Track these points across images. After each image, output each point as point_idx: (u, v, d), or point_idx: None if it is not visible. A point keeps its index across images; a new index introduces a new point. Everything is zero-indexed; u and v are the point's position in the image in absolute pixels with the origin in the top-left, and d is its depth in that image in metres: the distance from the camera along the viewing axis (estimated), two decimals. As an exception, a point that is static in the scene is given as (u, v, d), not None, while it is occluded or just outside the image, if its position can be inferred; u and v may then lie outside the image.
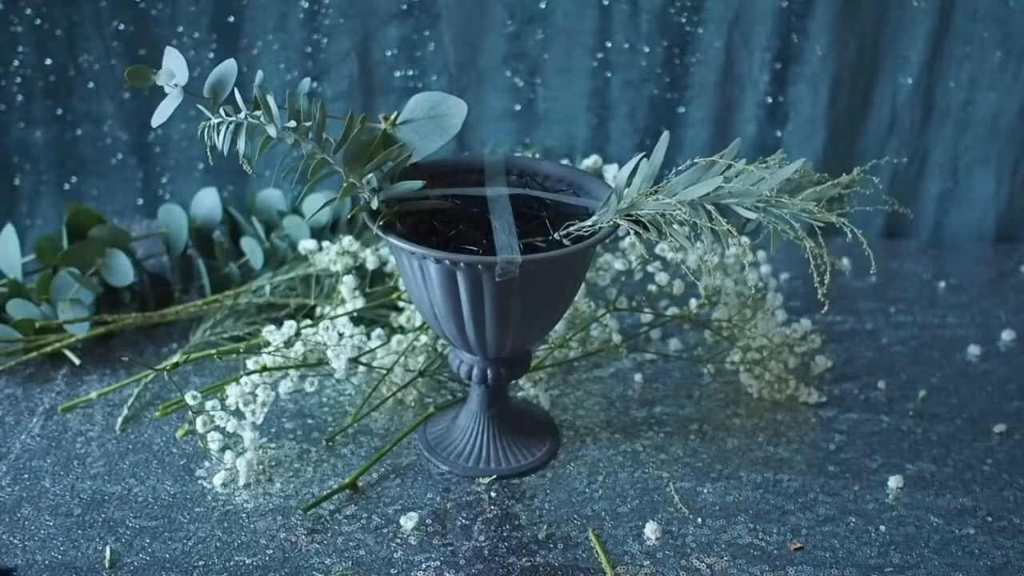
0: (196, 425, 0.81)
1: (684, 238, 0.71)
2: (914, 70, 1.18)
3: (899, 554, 0.76)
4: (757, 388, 0.93)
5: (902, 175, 1.24)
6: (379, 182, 0.74)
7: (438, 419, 0.88)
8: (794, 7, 1.14)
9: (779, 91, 1.19)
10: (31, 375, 0.94)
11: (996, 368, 1.00)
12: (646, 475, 0.84)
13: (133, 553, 0.74)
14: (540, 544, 0.76)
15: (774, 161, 0.72)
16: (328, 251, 0.95)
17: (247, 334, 0.95)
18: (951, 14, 1.15)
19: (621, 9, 1.15)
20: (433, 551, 0.75)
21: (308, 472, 0.83)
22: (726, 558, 0.75)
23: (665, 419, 0.90)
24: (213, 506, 0.79)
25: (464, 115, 0.74)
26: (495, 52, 1.18)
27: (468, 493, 0.81)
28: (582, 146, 1.22)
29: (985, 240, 1.26)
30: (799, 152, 1.18)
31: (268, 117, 0.70)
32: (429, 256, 0.70)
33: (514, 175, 0.82)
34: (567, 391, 0.94)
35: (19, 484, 0.81)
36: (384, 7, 1.15)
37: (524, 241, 0.73)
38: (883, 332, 1.05)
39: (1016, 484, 0.84)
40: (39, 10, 1.12)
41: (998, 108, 1.20)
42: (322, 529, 0.77)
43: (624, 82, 1.19)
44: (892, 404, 0.94)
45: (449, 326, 0.75)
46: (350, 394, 0.92)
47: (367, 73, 1.18)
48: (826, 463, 0.86)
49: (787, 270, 1.14)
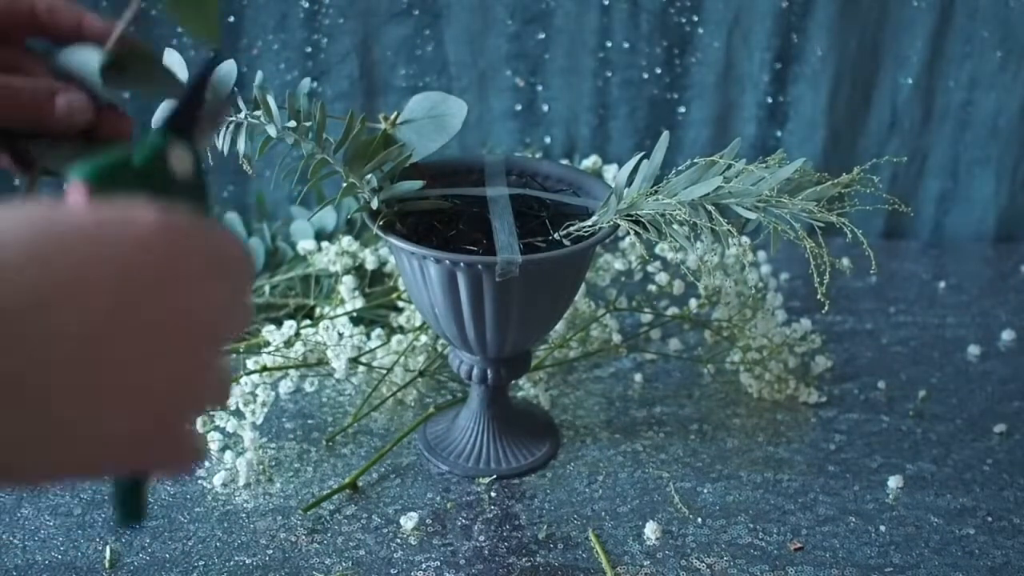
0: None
1: (684, 238, 0.71)
2: (914, 70, 1.18)
3: (899, 554, 0.76)
4: (757, 388, 0.93)
5: (902, 175, 1.24)
6: (379, 182, 0.74)
7: (438, 419, 0.88)
8: (794, 7, 1.14)
9: (779, 91, 1.19)
10: (31, 375, 0.94)
11: (996, 368, 1.00)
12: (646, 475, 0.84)
13: (133, 553, 0.74)
14: (540, 544, 0.76)
15: (774, 161, 0.72)
16: (327, 251, 0.95)
17: (247, 334, 0.96)
18: (951, 14, 1.15)
19: (621, 9, 1.15)
20: (433, 551, 0.75)
21: (308, 472, 0.83)
22: (726, 558, 0.75)
23: (665, 419, 0.90)
24: (213, 506, 0.79)
25: (464, 115, 0.74)
26: (495, 52, 1.18)
27: (468, 493, 0.81)
28: (582, 146, 1.22)
29: (985, 240, 1.26)
30: (799, 152, 1.18)
31: (268, 117, 0.70)
32: (429, 256, 0.70)
33: (514, 175, 0.82)
34: (567, 391, 0.94)
35: (19, 484, 0.81)
36: (384, 7, 1.15)
37: (524, 241, 0.73)
38: (883, 332, 1.05)
39: (1016, 484, 0.84)
40: (39, 10, 1.12)
41: (998, 108, 1.20)
42: (322, 529, 0.77)
43: (624, 82, 1.19)
44: (892, 404, 0.94)
45: (449, 326, 0.75)
46: (350, 394, 0.92)
47: (367, 73, 1.18)
48: (826, 463, 0.86)
49: (787, 270, 1.14)
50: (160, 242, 0.32)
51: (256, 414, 0.82)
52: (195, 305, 0.34)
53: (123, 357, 0.32)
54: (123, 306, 0.31)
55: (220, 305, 0.35)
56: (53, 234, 0.31)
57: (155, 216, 0.33)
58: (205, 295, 0.34)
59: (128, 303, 0.32)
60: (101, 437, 0.32)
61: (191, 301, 0.34)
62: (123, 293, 0.31)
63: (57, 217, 0.31)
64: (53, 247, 0.30)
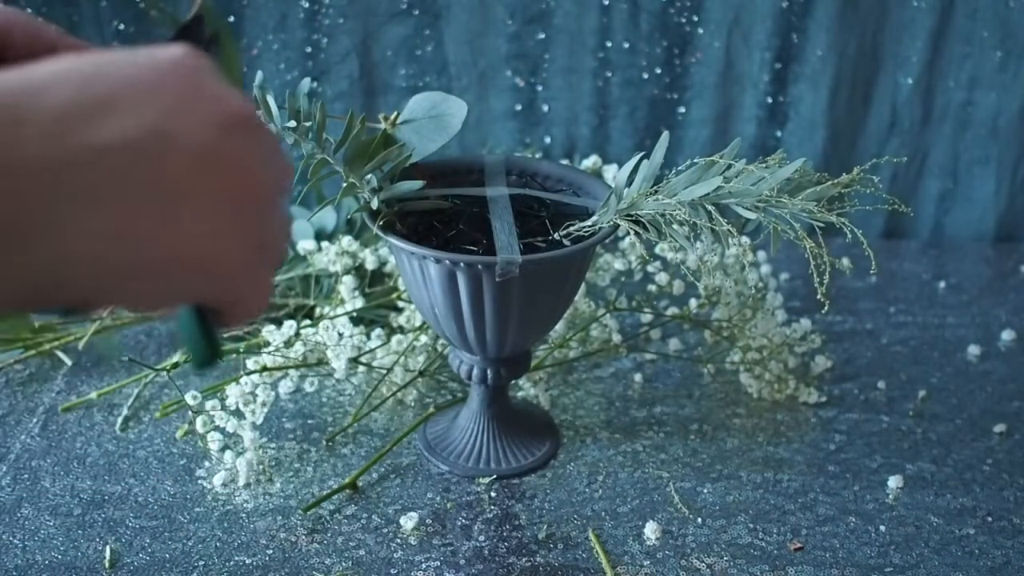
0: (196, 425, 0.81)
1: (684, 238, 0.71)
2: (914, 70, 1.18)
3: (899, 554, 0.76)
4: (757, 388, 0.93)
5: (902, 175, 1.24)
6: (379, 182, 0.74)
7: (438, 419, 0.88)
8: (794, 7, 1.14)
9: (779, 91, 1.19)
10: (31, 375, 0.94)
11: (996, 368, 1.00)
12: (646, 475, 0.84)
13: (133, 553, 0.74)
14: (540, 544, 0.76)
15: (774, 161, 0.72)
16: (327, 251, 0.95)
17: (247, 334, 0.96)
18: (951, 14, 1.15)
19: (621, 9, 1.15)
20: (433, 551, 0.75)
21: (308, 472, 0.83)
22: (726, 558, 0.75)
23: (665, 419, 0.90)
24: (213, 506, 0.79)
25: (464, 115, 0.74)
26: (495, 52, 1.18)
27: (468, 493, 0.81)
28: (582, 146, 1.22)
29: (985, 240, 1.26)
30: (799, 152, 1.18)
31: (268, 117, 0.70)
32: (429, 256, 0.70)
33: (514, 175, 0.82)
34: (567, 391, 0.94)
35: (19, 484, 0.81)
36: (384, 7, 1.15)
37: (524, 241, 0.73)
38: (883, 332, 1.05)
39: (1016, 484, 0.84)
40: (39, 10, 1.12)
41: (998, 108, 1.20)
42: (322, 529, 0.77)
43: (624, 82, 1.19)
44: (892, 404, 0.94)
45: (449, 326, 0.75)
46: (350, 394, 0.92)
47: (367, 73, 1.18)
48: (826, 463, 0.86)
49: (787, 270, 1.14)
50: (189, 63, 0.36)
51: (256, 414, 0.82)
52: (230, 120, 0.37)
53: (181, 173, 0.35)
54: (167, 117, 0.35)
55: (252, 141, 0.38)
56: (87, 62, 0.35)
57: (182, 47, 0.37)
58: (237, 116, 0.37)
59: (170, 113, 0.35)
60: (178, 251, 0.35)
61: (225, 117, 0.37)
62: (159, 106, 0.35)
63: (94, 56, 0.35)
64: (86, 72, 0.34)
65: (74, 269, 0.34)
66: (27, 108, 0.32)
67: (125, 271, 0.35)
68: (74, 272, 0.34)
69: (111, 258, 0.34)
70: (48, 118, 0.32)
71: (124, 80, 0.34)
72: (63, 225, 0.33)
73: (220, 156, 0.36)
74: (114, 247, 0.34)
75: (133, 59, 0.36)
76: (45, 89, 0.33)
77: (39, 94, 0.33)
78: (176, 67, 0.36)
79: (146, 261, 0.35)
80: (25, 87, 0.33)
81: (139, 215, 0.34)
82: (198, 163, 0.35)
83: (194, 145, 0.35)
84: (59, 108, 0.33)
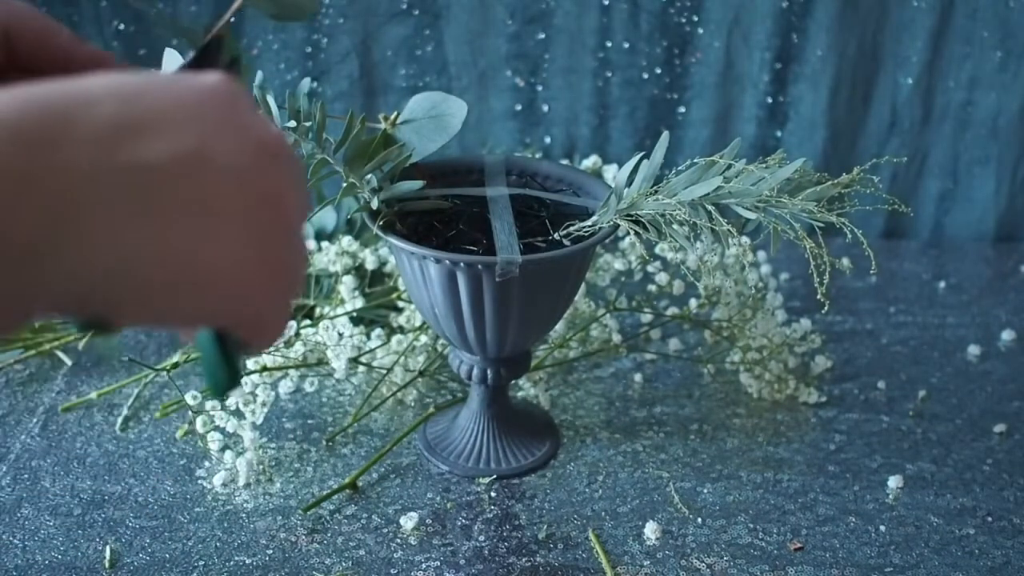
0: (196, 425, 0.81)
1: (684, 238, 0.71)
2: (914, 70, 1.18)
3: (899, 554, 0.76)
4: (757, 388, 0.93)
5: (902, 175, 1.24)
6: (379, 182, 0.74)
7: (438, 419, 0.88)
8: (794, 7, 1.14)
9: (779, 91, 1.19)
10: (31, 375, 0.94)
11: (996, 368, 1.00)
12: (646, 475, 0.84)
13: (133, 553, 0.74)
14: (540, 544, 0.76)
15: (774, 161, 0.72)
16: (327, 251, 0.95)
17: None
18: (951, 14, 1.15)
19: (621, 9, 1.15)
20: (433, 551, 0.75)
21: (308, 472, 0.83)
22: (726, 558, 0.75)
23: (665, 419, 0.90)
24: (213, 506, 0.79)
25: (464, 115, 0.74)
26: (495, 52, 1.18)
27: (468, 493, 0.81)
28: (582, 146, 1.22)
29: (985, 240, 1.26)
30: (799, 152, 1.18)
31: (268, 117, 0.70)
32: (429, 256, 0.70)
33: (514, 175, 0.82)
34: (567, 391, 0.94)
35: (19, 484, 0.81)
36: (384, 7, 1.15)
37: (524, 241, 0.73)
38: (883, 332, 1.05)
39: (1016, 484, 0.84)
40: (39, 10, 1.12)
41: (998, 108, 1.20)
42: (322, 529, 0.77)
43: (624, 82, 1.19)
44: (892, 404, 0.94)
45: (449, 326, 0.75)
46: (350, 394, 0.92)
47: (367, 73, 1.18)
48: (826, 463, 0.86)
49: (787, 270, 1.14)
50: (227, 89, 0.37)
51: (256, 414, 0.82)
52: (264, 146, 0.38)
53: (216, 193, 0.36)
54: (206, 140, 0.36)
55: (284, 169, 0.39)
56: (131, 81, 0.35)
57: (218, 75, 0.38)
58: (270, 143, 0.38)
59: (210, 136, 0.36)
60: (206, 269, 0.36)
61: (260, 143, 0.38)
62: (200, 128, 0.36)
63: (135, 75, 0.36)
64: (131, 89, 0.35)
65: (100, 282, 0.34)
66: (78, 116, 0.33)
67: (150, 287, 0.35)
68: (99, 285, 0.34)
69: (138, 273, 0.34)
70: (99, 128, 0.33)
71: (168, 101, 0.35)
72: (95, 236, 0.33)
73: (254, 180, 0.37)
74: (143, 262, 0.34)
75: (174, 82, 0.37)
76: (97, 101, 0.34)
77: (91, 105, 0.33)
78: (215, 93, 0.37)
79: (173, 278, 0.35)
80: (76, 96, 0.33)
81: (172, 231, 0.35)
82: (233, 185, 0.36)
83: (230, 168, 0.36)
84: (110, 120, 0.33)
